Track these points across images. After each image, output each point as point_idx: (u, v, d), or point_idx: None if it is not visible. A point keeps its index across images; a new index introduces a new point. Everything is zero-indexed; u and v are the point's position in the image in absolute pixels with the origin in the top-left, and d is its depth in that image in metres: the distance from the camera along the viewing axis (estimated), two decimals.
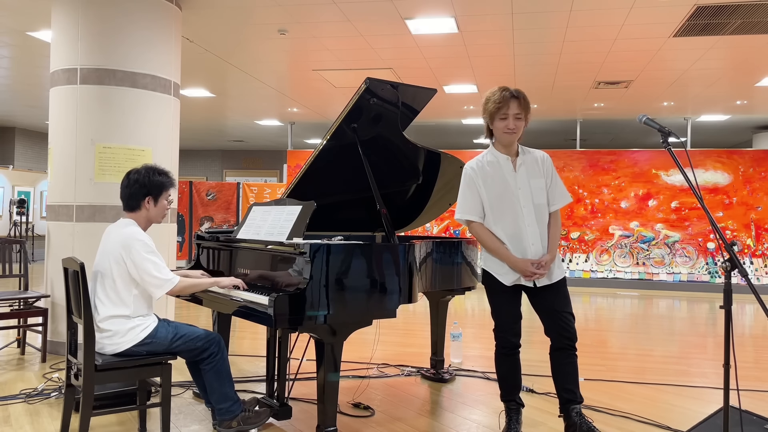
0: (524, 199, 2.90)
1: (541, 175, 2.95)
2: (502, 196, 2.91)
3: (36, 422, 3.22)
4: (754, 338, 6.11)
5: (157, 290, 2.80)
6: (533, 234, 2.89)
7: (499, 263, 2.93)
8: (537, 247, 2.89)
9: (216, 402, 2.92)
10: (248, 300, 2.75)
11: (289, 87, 9.09)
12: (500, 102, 2.83)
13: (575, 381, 2.92)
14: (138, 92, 4.86)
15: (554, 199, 2.98)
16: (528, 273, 2.84)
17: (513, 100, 2.85)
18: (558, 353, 2.92)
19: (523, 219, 2.89)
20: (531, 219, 2.89)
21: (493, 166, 2.95)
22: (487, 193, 2.93)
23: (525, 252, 2.88)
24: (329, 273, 2.66)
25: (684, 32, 6.22)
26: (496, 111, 2.84)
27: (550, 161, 3.01)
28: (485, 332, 6.11)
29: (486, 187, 2.93)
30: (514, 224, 2.90)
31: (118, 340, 2.73)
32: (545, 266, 2.85)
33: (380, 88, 3.22)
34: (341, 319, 2.69)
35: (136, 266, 2.75)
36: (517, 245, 2.89)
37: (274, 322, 2.51)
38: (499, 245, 2.91)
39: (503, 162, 2.94)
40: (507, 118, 2.85)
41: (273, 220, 3.16)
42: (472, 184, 2.96)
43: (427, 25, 6.12)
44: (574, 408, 2.88)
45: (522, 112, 2.87)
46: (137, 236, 2.79)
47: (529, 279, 2.87)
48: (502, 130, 2.88)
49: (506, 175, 2.93)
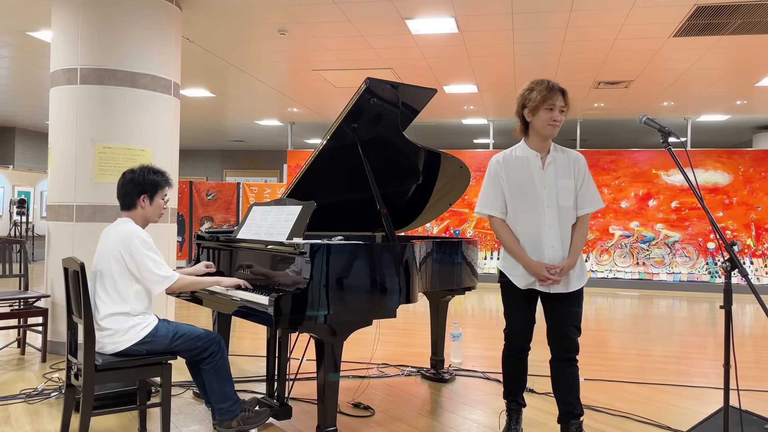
0: (548, 198, 2.75)
1: (571, 176, 2.80)
2: (524, 193, 2.78)
3: (36, 422, 3.22)
4: (754, 338, 6.11)
5: (157, 287, 2.81)
6: (553, 237, 2.74)
7: (515, 264, 2.81)
8: (556, 251, 2.74)
9: (216, 402, 2.92)
10: (248, 300, 2.75)
11: (289, 87, 9.09)
12: (548, 92, 2.70)
13: (575, 393, 2.83)
14: (138, 92, 4.86)
15: (584, 202, 2.81)
16: (542, 277, 2.70)
17: (559, 93, 2.73)
18: (558, 364, 2.84)
19: (544, 220, 2.74)
20: (553, 221, 2.74)
21: (520, 161, 2.82)
22: (509, 188, 2.81)
23: (542, 255, 2.74)
24: (329, 273, 2.66)
25: (684, 32, 6.22)
26: (543, 101, 2.70)
27: (585, 163, 2.85)
28: (485, 332, 6.11)
29: (509, 181, 2.81)
30: (534, 224, 2.76)
31: (118, 339, 2.73)
32: (561, 272, 2.70)
33: (380, 88, 3.22)
34: (341, 319, 2.69)
35: (136, 262, 2.76)
36: (535, 247, 2.75)
37: (274, 322, 2.51)
38: (516, 245, 2.78)
39: (532, 158, 2.81)
40: (553, 110, 2.71)
41: (273, 220, 3.16)
42: (496, 178, 2.84)
43: (427, 25, 6.12)
44: (574, 423, 2.81)
45: (565, 107, 2.76)
46: (136, 233, 2.80)
47: (543, 284, 2.73)
48: (546, 121, 2.72)
49: (533, 171, 2.79)
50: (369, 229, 4.08)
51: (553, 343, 2.84)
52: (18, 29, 6.45)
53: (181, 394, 3.75)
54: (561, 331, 2.79)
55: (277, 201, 3.30)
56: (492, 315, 7.39)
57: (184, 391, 3.80)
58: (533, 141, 2.83)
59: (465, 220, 11.02)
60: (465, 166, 3.90)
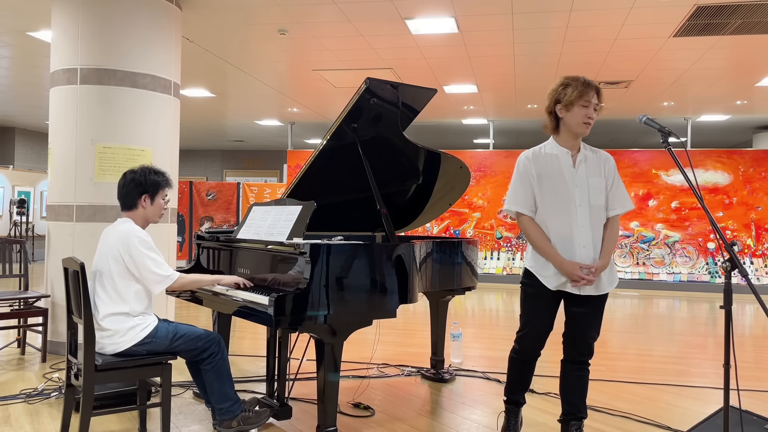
0: (580, 197, 2.68)
1: (601, 175, 2.74)
2: (555, 191, 2.70)
3: (36, 422, 3.22)
4: (754, 338, 6.11)
5: (157, 286, 2.81)
6: (585, 236, 2.67)
7: (545, 263, 2.70)
8: (588, 251, 2.66)
9: (216, 402, 2.92)
10: (248, 300, 2.75)
11: (289, 87, 9.09)
12: (584, 88, 2.66)
13: (581, 395, 2.79)
14: (138, 92, 4.86)
15: (614, 203, 2.75)
16: (575, 277, 2.61)
17: (594, 90, 2.69)
18: (569, 365, 2.81)
19: (576, 219, 2.67)
20: (585, 219, 2.67)
21: (550, 158, 2.74)
22: (539, 186, 2.72)
23: (573, 255, 2.66)
24: (329, 273, 2.66)
25: (684, 32, 6.22)
26: (579, 97, 2.65)
27: (614, 163, 2.81)
28: (485, 332, 6.11)
29: (540, 179, 2.73)
30: (566, 223, 2.68)
31: (118, 340, 2.73)
32: (595, 273, 2.62)
33: (380, 88, 3.22)
34: (341, 319, 2.69)
35: (135, 262, 2.76)
36: (566, 246, 2.67)
37: (275, 322, 2.51)
38: (547, 243, 2.69)
39: (563, 156, 2.74)
40: (588, 106, 2.67)
41: (273, 220, 3.16)
42: (525, 175, 2.75)
43: (427, 25, 6.12)
44: (574, 424, 2.78)
45: (599, 105, 2.71)
46: (135, 233, 2.80)
47: (575, 285, 2.64)
48: (581, 118, 2.67)
49: (564, 169, 2.72)
50: (369, 229, 4.08)
51: (569, 345, 2.80)
52: (18, 29, 6.45)
53: (181, 394, 3.75)
54: (581, 335, 2.75)
55: (277, 201, 3.30)
56: (492, 315, 7.39)
57: (184, 391, 3.80)
58: (564, 138, 2.78)
59: (465, 220, 11.01)
60: (465, 166, 3.90)
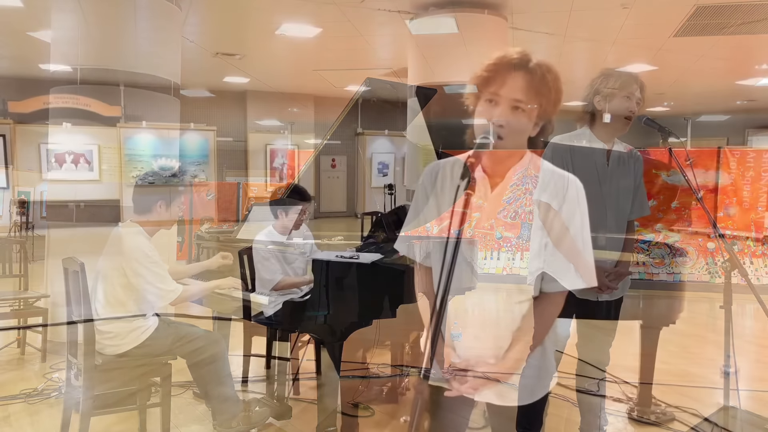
0: (608, 198, 2.53)
1: (631, 175, 2.58)
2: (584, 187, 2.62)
3: (36, 422, 3.21)
4: (754, 338, 6.10)
5: (160, 301, 2.79)
6: (609, 240, 2.52)
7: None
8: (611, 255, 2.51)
9: (216, 402, 2.91)
10: (248, 300, 2.75)
11: (289, 87, 9.09)
12: (628, 81, 2.46)
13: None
14: (138, 92, 4.85)
15: (634, 207, 2.60)
16: (602, 285, 2.43)
17: (638, 84, 2.49)
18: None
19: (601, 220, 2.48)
20: (611, 222, 2.52)
21: (584, 151, 2.56)
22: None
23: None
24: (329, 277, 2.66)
25: (684, 32, 6.21)
26: (621, 89, 2.45)
27: (642, 164, 2.63)
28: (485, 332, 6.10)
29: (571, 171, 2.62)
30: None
31: (118, 342, 2.73)
32: (619, 278, 2.50)
33: (380, 88, 3.21)
34: (341, 320, 2.69)
35: (138, 277, 2.74)
36: None
37: (275, 322, 2.50)
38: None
39: (598, 150, 2.56)
40: (631, 99, 2.47)
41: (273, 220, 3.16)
42: (561, 166, 2.60)
43: (426, 25, 6.11)
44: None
45: (641, 101, 2.52)
46: (141, 248, 2.77)
47: (599, 292, 2.49)
48: (623, 112, 2.47)
49: (597, 166, 2.54)
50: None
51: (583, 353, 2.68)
52: (18, 29, 6.44)
53: (181, 394, 3.74)
54: (595, 342, 2.66)
55: (276, 201, 3.29)
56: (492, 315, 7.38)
57: (184, 391, 3.79)
58: (601, 132, 2.57)
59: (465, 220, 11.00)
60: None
